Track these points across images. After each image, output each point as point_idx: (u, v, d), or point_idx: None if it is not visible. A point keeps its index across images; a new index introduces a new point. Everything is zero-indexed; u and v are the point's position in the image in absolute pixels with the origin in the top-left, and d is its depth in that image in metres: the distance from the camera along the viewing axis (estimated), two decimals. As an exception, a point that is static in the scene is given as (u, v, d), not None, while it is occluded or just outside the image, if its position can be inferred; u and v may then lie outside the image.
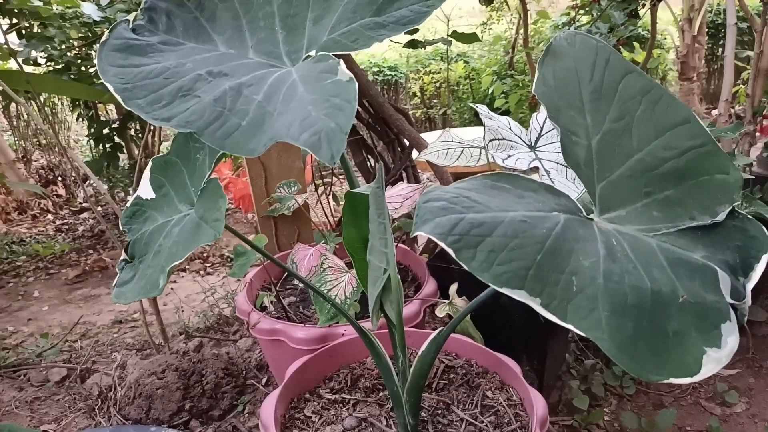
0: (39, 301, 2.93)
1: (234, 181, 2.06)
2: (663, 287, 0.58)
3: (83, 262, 3.38)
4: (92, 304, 2.80)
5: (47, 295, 3.00)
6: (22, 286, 3.13)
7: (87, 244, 3.70)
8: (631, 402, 1.56)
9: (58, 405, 1.44)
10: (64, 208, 4.52)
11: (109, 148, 3.79)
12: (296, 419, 1.10)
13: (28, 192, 4.46)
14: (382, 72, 5.69)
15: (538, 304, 0.56)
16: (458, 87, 5.73)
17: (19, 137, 4.86)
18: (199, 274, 3.12)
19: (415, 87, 5.93)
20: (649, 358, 0.55)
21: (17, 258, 3.48)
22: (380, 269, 0.84)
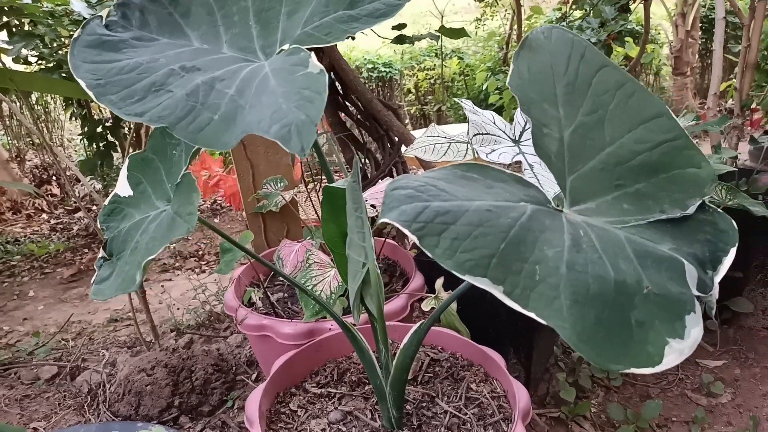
0: (34, 301, 2.93)
1: (224, 179, 2.06)
2: (628, 278, 0.59)
3: (78, 261, 3.38)
4: (87, 303, 2.80)
5: (42, 294, 3.00)
6: (17, 286, 3.13)
7: (82, 243, 3.71)
8: (618, 394, 1.57)
9: (48, 402, 1.45)
10: (59, 208, 4.52)
11: (103, 147, 3.79)
12: (282, 413, 1.11)
13: (22, 192, 4.46)
14: (376, 69, 5.68)
15: (500, 292, 0.56)
16: (453, 83, 5.73)
17: (12, 137, 4.85)
18: (194, 272, 3.13)
19: (410, 83, 5.93)
20: (610, 348, 0.56)
21: (12, 258, 3.48)
22: (359, 263, 0.85)
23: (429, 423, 1.07)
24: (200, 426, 1.40)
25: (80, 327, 2.41)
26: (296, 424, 1.08)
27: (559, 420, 1.48)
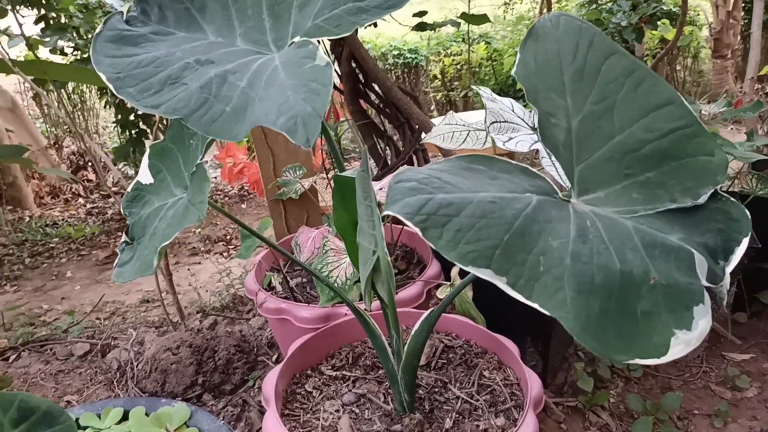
0: (71, 281, 3.04)
1: (248, 166, 2.10)
2: (634, 268, 0.59)
3: (112, 244, 3.49)
4: (121, 284, 2.89)
5: (79, 275, 3.11)
6: (56, 267, 3.25)
7: (116, 227, 3.82)
8: (638, 385, 1.56)
9: (81, 378, 1.52)
10: (94, 193, 4.66)
11: (135, 134, 3.88)
12: (297, 394, 1.14)
13: (59, 177, 4.61)
14: (402, 55, 5.65)
15: (504, 283, 0.57)
16: (480, 69, 5.66)
17: (50, 124, 5.01)
18: (222, 256, 3.20)
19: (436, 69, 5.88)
20: (615, 338, 0.56)
21: (51, 240, 3.62)
22: (369, 250, 0.86)
23: (440, 408, 1.09)
24: (222, 404, 1.45)
25: (114, 307, 2.50)
26: (311, 405, 1.11)
27: (576, 409, 1.48)
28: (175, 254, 3.27)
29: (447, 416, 1.06)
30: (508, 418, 1.05)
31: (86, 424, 1.14)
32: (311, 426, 1.06)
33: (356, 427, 1.05)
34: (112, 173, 4.83)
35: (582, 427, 1.43)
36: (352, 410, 1.09)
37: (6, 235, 3.72)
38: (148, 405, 1.17)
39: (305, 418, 1.08)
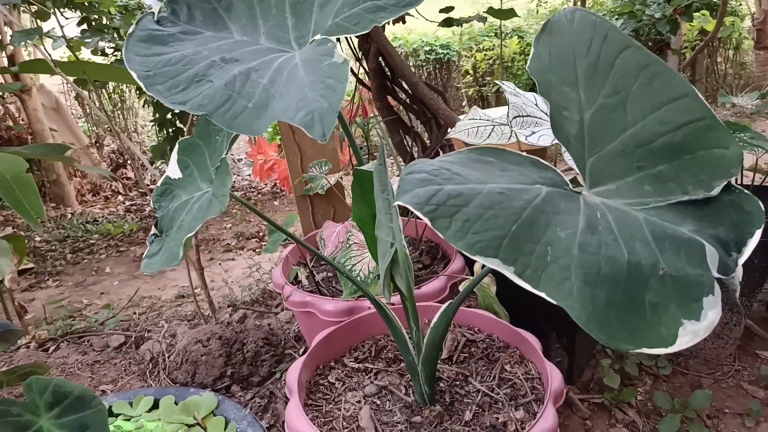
0: (110, 276, 3.15)
1: (279, 163, 2.14)
2: (643, 260, 0.59)
3: (149, 241, 3.60)
4: (158, 279, 2.99)
5: (118, 270, 3.23)
6: (96, 263, 3.37)
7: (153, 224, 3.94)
8: (667, 383, 1.53)
9: (115, 368, 1.59)
10: (133, 190, 4.82)
11: (172, 133, 3.99)
12: (320, 385, 1.17)
13: (100, 175, 4.78)
14: (434, 51, 5.64)
15: (511, 273, 0.58)
16: (512, 63, 5.60)
17: (92, 124, 5.20)
18: (255, 252, 3.27)
19: (468, 65, 5.85)
20: (621, 328, 0.56)
21: (91, 236, 3.75)
22: (387, 243, 0.88)
23: (461, 401, 1.10)
24: (250, 395, 1.49)
25: (150, 302, 2.60)
26: (333, 396, 1.14)
27: (602, 406, 1.47)
28: (210, 250, 3.36)
29: (467, 409, 1.07)
30: (528, 411, 1.05)
31: (119, 411, 1.19)
32: (333, 416, 1.09)
33: (377, 417, 1.07)
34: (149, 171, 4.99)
35: (608, 424, 1.42)
36: (373, 401, 1.11)
37: (49, 231, 3.88)
38: (177, 394, 1.22)
39: (327, 409, 1.11)
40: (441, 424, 1.04)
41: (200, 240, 3.50)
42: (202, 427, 1.14)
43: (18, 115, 4.42)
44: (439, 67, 5.76)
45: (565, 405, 1.47)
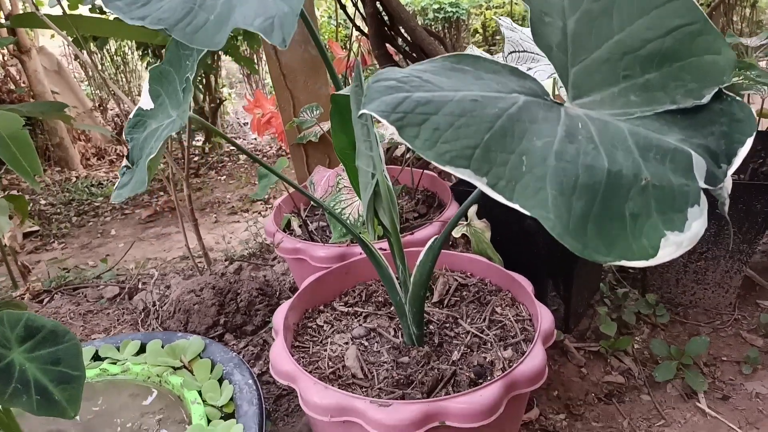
0: (116, 239, 3.16)
1: (276, 116, 2.09)
2: (624, 169, 0.55)
3: (154, 204, 3.60)
4: (163, 241, 2.99)
5: (123, 233, 3.23)
6: (101, 225, 3.37)
7: (158, 187, 3.94)
8: (664, 331, 1.51)
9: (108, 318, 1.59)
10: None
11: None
12: (308, 327, 1.16)
13: (105, 139, 4.77)
14: (443, 9, 5.49)
15: (484, 184, 0.55)
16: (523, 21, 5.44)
17: (95, 87, 5.16)
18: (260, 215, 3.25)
19: (477, 23, 5.69)
20: (598, 239, 0.53)
21: (95, 199, 3.75)
22: (368, 174, 0.85)
23: (450, 342, 1.08)
24: (243, 343, 1.49)
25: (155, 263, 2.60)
26: (321, 338, 1.13)
27: (598, 354, 1.45)
28: (215, 213, 3.35)
29: (455, 349, 1.05)
30: (517, 350, 1.03)
31: (105, 355, 1.19)
32: (319, 357, 1.07)
33: (364, 358, 1.06)
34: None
35: (603, 371, 1.40)
36: (361, 343, 1.10)
37: (54, 194, 3.89)
38: (164, 338, 1.21)
39: (314, 350, 1.09)
40: (428, 364, 1.02)
41: (205, 203, 3.49)
42: (188, 370, 1.13)
43: (19, 77, 4.39)
44: (449, 26, 5.62)
45: (560, 353, 1.45)
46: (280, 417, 1.30)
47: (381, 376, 1.01)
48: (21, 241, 3.20)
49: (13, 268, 2.10)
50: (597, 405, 1.31)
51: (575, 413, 1.29)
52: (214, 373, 1.12)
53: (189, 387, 1.07)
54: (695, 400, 1.30)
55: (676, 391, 1.33)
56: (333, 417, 0.90)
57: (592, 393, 1.34)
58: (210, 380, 1.09)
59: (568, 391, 1.34)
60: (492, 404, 0.87)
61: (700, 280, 1.52)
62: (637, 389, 1.35)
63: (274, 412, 1.31)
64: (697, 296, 1.55)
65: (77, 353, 0.84)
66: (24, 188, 4.02)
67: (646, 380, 1.37)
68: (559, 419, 1.26)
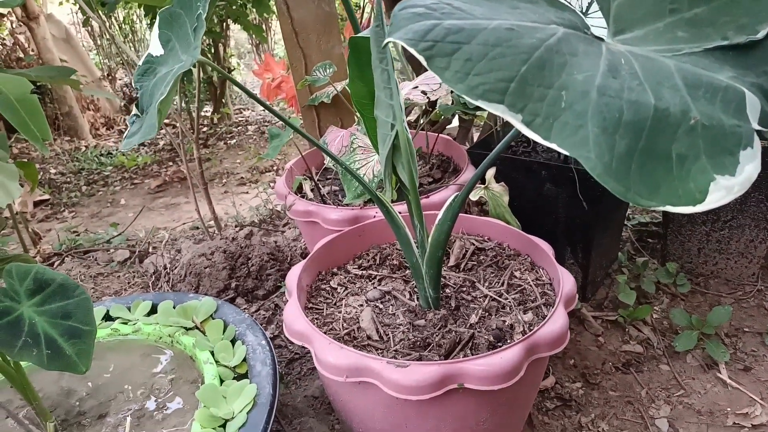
0: (125, 208, 3.15)
1: (286, 80, 2.05)
2: (671, 107, 0.51)
3: (164, 173, 3.58)
4: (172, 211, 2.97)
5: (132, 203, 3.22)
6: (111, 195, 3.36)
7: (167, 157, 3.91)
8: (685, 301, 1.47)
9: (119, 281, 1.58)
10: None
11: (181, 62, 3.89)
12: (322, 289, 1.13)
13: (114, 108, 4.74)
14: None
15: (519, 121, 0.51)
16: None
17: (103, 56, 5.10)
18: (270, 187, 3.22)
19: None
20: (642, 181, 0.49)
21: (105, 169, 3.74)
22: (387, 124, 0.81)
23: (467, 306, 1.05)
24: (255, 308, 1.47)
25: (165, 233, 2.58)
26: (335, 300, 1.10)
27: (615, 323, 1.42)
28: (224, 184, 3.33)
29: (473, 313, 1.02)
30: (537, 314, 1.00)
31: (116, 315, 1.17)
32: (333, 318, 1.05)
33: (379, 320, 1.03)
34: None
35: (621, 341, 1.37)
36: (376, 305, 1.07)
37: (64, 163, 3.88)
38: (176, 299, 1.19)
39: (328, 311, 1.07)
40: (445, 327, 0.99)
41: (214, 174, 3.47)
42: (200, 330, 1.11)
43: (28, 45, 4.35)
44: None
45: (577, 321, 1.42)
46: (293, 380, 1.29)
47: (397, 338, 0.98)
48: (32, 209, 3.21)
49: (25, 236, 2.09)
50: (614, 374, 1.29)
51: (592, 382, 1.26)
52: (226, 334, 1.10)
53: (201, 347, 1.05)
54: (716, 371, 1.27)
55: (696, 362, 1.30)
56: (348, 378, 0.88)
57: (610, 362, 1.31)
58: (222, 341, 1.07)
59: (584, 360, 1.32)
60: (512, 367, 0.84)
61: (723, 249, 1.48)
62: (655, 359, 1.32)
63: (286, 376, 1.30)
64: (719, 266, 1.51)
65: (88, 308, 0.82)
66: (35, 157, 4.02)
67: (666, 350, 1.34)
68: (575, 387, 1.24)
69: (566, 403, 1.21)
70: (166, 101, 0.67)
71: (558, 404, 1.21)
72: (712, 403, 1.19)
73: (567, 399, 1.21)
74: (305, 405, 1.22)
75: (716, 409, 1.18)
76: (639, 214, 1.86)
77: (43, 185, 3.47)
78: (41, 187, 3.38)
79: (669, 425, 1.16)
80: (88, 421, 0.97)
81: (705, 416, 1.17)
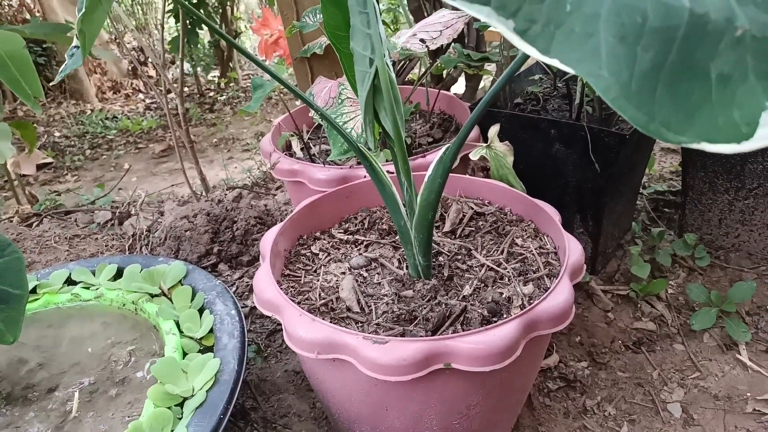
0: (129, 173, 3.07)
1: (283, 35, 1.92)
2: (711, 12, 0.38)
3: (168, 138, 3.50)
4: (176, 176, 2.89)
5: (136, 167, 3.14)
6: (114, 159, 3.30)
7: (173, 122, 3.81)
8: (703, 276, 1.35)
9: (96, 243, 1.49)
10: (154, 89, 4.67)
11: (188, 25, 3.76)
12: (302, 255, 1.03)
13: (121, 72, 4.64)
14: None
15: (510, 30, 0.39)
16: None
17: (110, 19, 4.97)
18: (269, 160, 3.10)
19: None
20: (671, 108, 0.37)
21: (109, 132, 3.67)
22: (365, 60, 0.69)
23: (461, 275, 0.94)
24: (238, 274, 1.37)
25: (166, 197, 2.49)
26: (315, 267, 1.00)
27: (627, 298, 1.30)
28: (229, 149, 3.23)
29: (467, 283, 0.91)
30: (539, 287, 0.89)
31: (78, 279, 1.08)
32: (311, 287, 0.95)
33: (361, 290, 0.93)
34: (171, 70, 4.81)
35: (632, 317, 1.26)
36: (359, 273, 0.97)
37: (68, 127, 3.82)
38: (144, 263, 1.10)
39: (306, 279, 0.97)
40: (435, 298, 0.89)
41: (219, 139, 3.37)
42: (167, 297, 1.02)
43: (33, 6, 4.24)
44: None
45: (585, 296, 1.31)
46: (273, 353, 1.20)
47: (380, 311, 0.88)
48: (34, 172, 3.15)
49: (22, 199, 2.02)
50: (624, 353, 1.18)
51: (599, 361, 1.16)
52: (194, 302, 1.00)
53: (165, 316, 0.96)
54: (735, 352, 1.15)
55: (713, 342, 1.18)
56: (320, 354, 0.78)
57: (619, 340, 1.20)
58: (189, 309, 0.97)
59: (591, 337, 1.21)
60: (507, 345, 0.73)
61: (747, 220, 1.34)
62: (669, 338, 1.21)
63: (266, 348, 1.21)
64: (742, 238, 1.37)
65: (19, 269, 0.73)
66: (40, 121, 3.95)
67: (680, 328, 1.22)
68: (580, 367, 1.13)
69: (570, 384, 1.11)
70: (86, 20, 0.56)
71: (561, 385, 1.11)
72: (730, 387, 1.08)
73: (571, 379, 1.11)
74: (285, 380, 1.13)
75: (735, 394, 1.07)
76: (655, 182, 1.72)
77: (46, 148, 3.41)
78: (45, 150, 3.32)
79: (682, 410, 1.05)
80: (35, 395, 0.88)
81: (722, 401, 1.06)
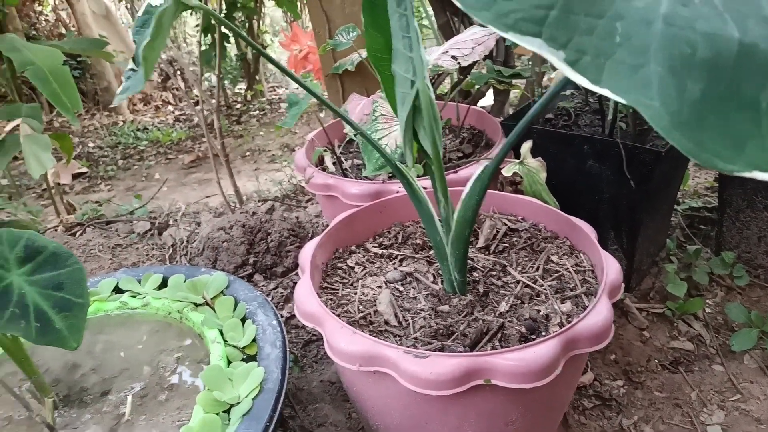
0: (160, 183, 3.15)
1: (314, 50, 1.96)
2: (761, 43, 0.39)
3: (197, 149, 3.58)
4: (205, 186, 2.95)
5: (167, 177, 3.22)
6: (146, 169, 3.38)
7: (201, 133, 3.91)
8: (741, 295, 1.33)
9: (137, 252, 1.54)
10: (183, 100, 4.79)
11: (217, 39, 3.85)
12: (338, 268, 1.05)
13: (151, 84, 4.76)
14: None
15: (561, 60, 0.40)
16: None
17: (141, 33, 5.12)
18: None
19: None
20: (721, 137, 0.38)
21: (141, 143, 3.77)
22: (407, 82, 0.71)
23: (497, 292, 0.95)
24: (273, 285, 1.40)
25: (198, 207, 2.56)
26: (352, 280, 1.01)
27: (663, 317, 1.29)
28: (255, 161, 3.29)
29: (503, 300, 0.92)
30: (577, 305, 0.89)
31: (126, 287, 1.12)
32: (349, 300, 0.96)
33: (398, 303, 0.94)
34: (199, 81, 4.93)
35: (668, 336, 1.24)
36: (395, 287, 0.98)
37: (102, 138, 3.94)
38: (187, 273, 1.13)
39: (344, 292, 0.98)
40: (471, 314, 0.89)
41: (246, 150, 3.43)
42: (210, 306, 1.05)
43: (69, 21, 4.40)
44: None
45: (619, 313, 1.30)
46: (309, 363, 1.22)
47: (417, 325, 0.89)
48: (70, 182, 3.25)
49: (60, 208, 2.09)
50: (660, 373, 1.17)
51: (635, 380, 1.15)
52: (236, 312, 1.03)
53: (209, 325, 0.99)
54: (777, 374, 1.13)
55: (754, 363, 1.16)
56: (362, 366, 0.79)
57: (655, 359, 1.19)
58: (232, 319, 1.00)
59: (627, 356, 1.20)
60: (548, 363, 0.74)
61: (789, 239, 1.32)
62: (708, 358, 1.19)
63: (302, 358, 1.23)
64: (784, 257, 1.35)
65: (81, 279, 0.76)
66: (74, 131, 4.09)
67: (719, 349, 1.20)
68: (616, 386, 1.12)
69: (606, 403, 1.10)
70: (150, 46, 0.59)
71: (597, 403, 1.10)
72: (772, 409, 1.06)
73: (607, 398, 1.10)
74: (321, 390, 1.14)
75: (777, 417, 1.05)
76: (690, 198, 1.70)
77: (81, 158, 3.52)
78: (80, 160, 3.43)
79: (722, 432, 1.03)
80: (90, 398, 0.92)
81: (765, 425, 1.04)
